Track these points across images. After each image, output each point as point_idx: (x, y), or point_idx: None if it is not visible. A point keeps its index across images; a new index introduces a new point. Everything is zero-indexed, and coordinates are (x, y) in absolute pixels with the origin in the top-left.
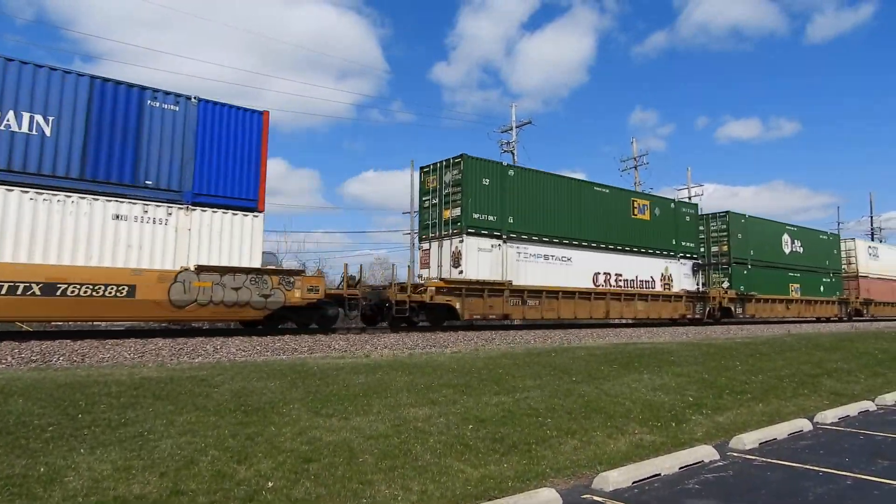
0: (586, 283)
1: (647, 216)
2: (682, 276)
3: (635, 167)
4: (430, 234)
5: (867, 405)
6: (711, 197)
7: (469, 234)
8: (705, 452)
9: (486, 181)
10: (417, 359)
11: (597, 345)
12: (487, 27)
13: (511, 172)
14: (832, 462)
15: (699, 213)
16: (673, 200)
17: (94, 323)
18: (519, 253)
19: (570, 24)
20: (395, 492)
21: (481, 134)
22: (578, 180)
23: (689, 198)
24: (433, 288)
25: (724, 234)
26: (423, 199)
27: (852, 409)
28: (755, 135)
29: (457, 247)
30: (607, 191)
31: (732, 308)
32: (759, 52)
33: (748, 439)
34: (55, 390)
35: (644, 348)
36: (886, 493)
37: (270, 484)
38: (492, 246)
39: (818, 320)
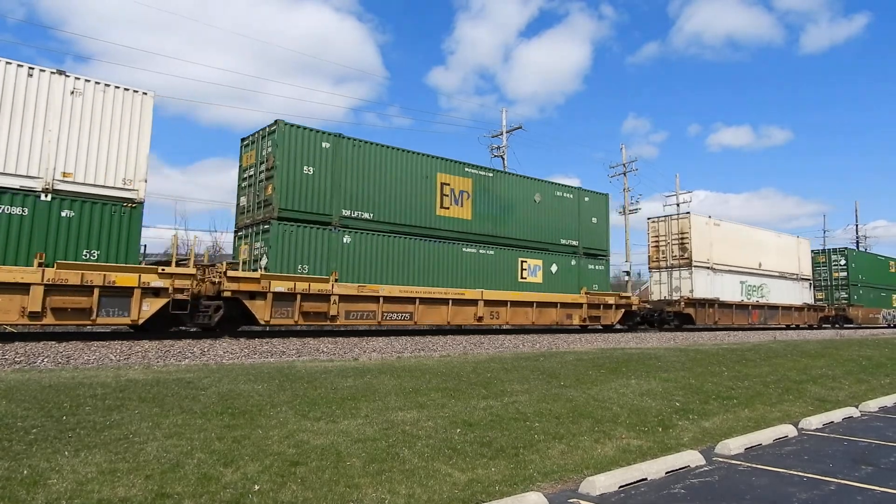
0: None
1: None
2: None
3: (624, 174)
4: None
5: (851, 411)
6: (703, 204)
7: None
8: (691, 457)
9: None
10: (406, 362)
11: (585, 349)
12: (485, 33)
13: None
14: (816, 468)
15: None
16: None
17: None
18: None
19: (567, 33)
20: (383, 495)
21: (476, 139)
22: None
23: (678, 205)
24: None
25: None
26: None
27: (837, 415)
28: (747, 143)
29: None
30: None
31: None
32: (754, 61)
33: (734, 444)
34: (39, 392)
35: (632, 353)
36: (869, 499)
37: (257, 487)
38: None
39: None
